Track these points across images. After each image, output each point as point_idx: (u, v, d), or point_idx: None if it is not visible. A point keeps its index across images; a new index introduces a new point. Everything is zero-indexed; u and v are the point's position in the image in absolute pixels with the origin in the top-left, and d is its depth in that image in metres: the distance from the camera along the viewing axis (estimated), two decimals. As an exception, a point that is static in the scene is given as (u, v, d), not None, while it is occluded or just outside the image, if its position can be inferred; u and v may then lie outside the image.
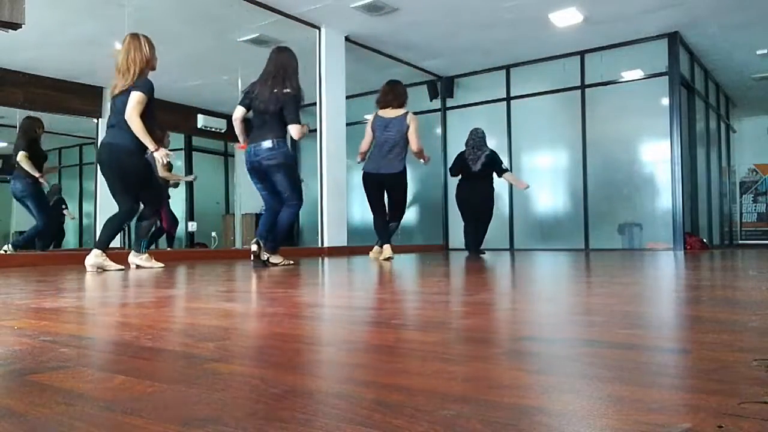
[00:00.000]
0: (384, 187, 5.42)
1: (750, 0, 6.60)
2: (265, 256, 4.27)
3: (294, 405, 0.71)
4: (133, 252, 4.33)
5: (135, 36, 4.03)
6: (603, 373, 0.85)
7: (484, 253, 6.82)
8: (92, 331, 1.43)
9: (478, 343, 1.17)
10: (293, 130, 4.19)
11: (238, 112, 4.38)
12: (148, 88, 3.92)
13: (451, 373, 0.87)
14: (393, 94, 5.38)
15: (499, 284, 2.79)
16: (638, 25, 7.37)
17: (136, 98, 3.86)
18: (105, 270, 3.88)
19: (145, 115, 3.91)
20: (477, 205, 6.82)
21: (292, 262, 4.55)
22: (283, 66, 4.29)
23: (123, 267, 4.04)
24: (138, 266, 4.23)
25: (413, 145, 5.30)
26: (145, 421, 0.64)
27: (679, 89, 7.75)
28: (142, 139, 3.88)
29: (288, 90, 4.21)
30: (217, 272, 3.68)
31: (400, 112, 5.32)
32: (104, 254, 3.94)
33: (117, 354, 1.10)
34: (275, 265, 4.26)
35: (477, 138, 6.71)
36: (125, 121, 3.87)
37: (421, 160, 5.57)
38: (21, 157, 5.94)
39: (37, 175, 5.97)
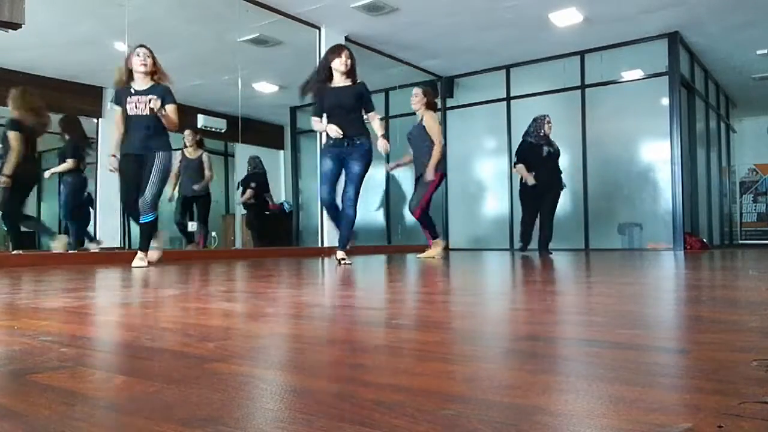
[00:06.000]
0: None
1: (750, 0, 6.60)
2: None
3: (294, 405, 0.71)
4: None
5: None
6: (603, 373, 0.85)
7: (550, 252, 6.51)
8: (92, 331, 1.43)
9: (478, 343, 1.17)
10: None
11: None
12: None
13: (451, 373, 0.87)
14: None
15: (499, 284, 2.79)
16: (638, 25, 7.36)
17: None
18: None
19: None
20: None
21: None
22: None
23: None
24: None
25: None
26: (145, 421, 0.64)
27: (679, 89, 7.74)
28: None
29: None
30: (217, 272, 3.68)
31: None
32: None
33: (117, 354, 1.10)
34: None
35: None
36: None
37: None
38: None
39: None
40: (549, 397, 0.73)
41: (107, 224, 7.59)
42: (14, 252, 5.37)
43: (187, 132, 7.10)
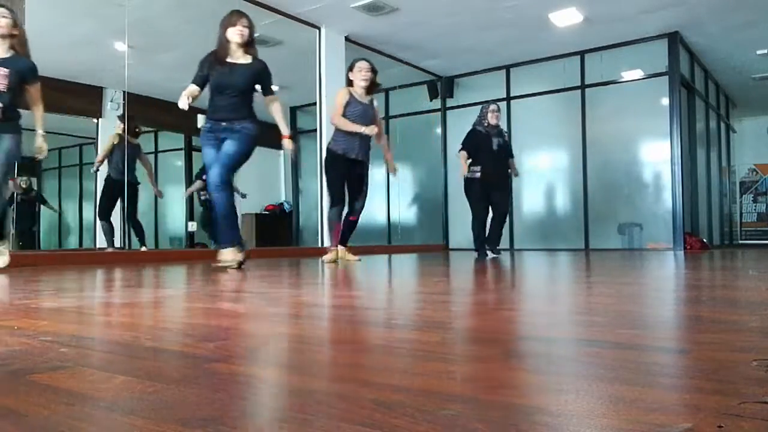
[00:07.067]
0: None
1: (750, 0, 6.60)
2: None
3: (294, 405, 0.71)
4: None
5: None
6: (603, 373, 0.85)
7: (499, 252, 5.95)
8: (92, 331, 1.43)
9: (477, 343, 1.17)
10: None
11: None
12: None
13: (451, 373, 0.87)
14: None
15: (499, 284, 2.79)
16: (638, 25, 7.36)
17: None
18: None
19: None
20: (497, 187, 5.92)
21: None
22: None
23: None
24: None
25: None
26: (145, 421, 0.64)
27: (679, 89, 7.74)
28: None
29: None
30: (217, 272, 3.67)
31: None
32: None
33: (117, 354, 1.10)
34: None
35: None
36: None
37: None
38: None
39: None
40: (549, 397, 0.73)
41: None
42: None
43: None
